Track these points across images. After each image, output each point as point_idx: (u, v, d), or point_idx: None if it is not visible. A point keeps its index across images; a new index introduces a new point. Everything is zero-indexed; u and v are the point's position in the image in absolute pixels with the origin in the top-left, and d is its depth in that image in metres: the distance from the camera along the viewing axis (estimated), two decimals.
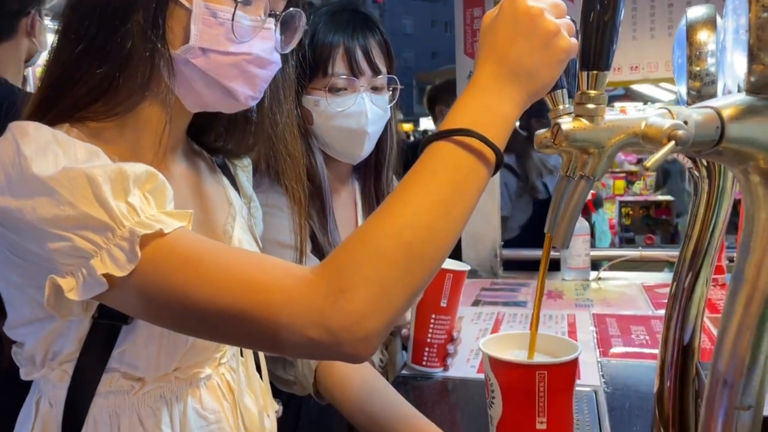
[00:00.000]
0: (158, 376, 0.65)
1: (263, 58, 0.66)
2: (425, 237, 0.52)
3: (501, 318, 1.42)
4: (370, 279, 0.50)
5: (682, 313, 0.75)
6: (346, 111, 1.06)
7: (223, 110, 0.70)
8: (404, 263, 0.51)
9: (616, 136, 0.47)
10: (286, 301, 0.51)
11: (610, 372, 1.07)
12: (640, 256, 1.84)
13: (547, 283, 1.74)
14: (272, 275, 0.53)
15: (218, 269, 0.53)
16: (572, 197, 0.49)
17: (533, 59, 0.54)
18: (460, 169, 0.53)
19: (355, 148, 1.10)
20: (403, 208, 0.53)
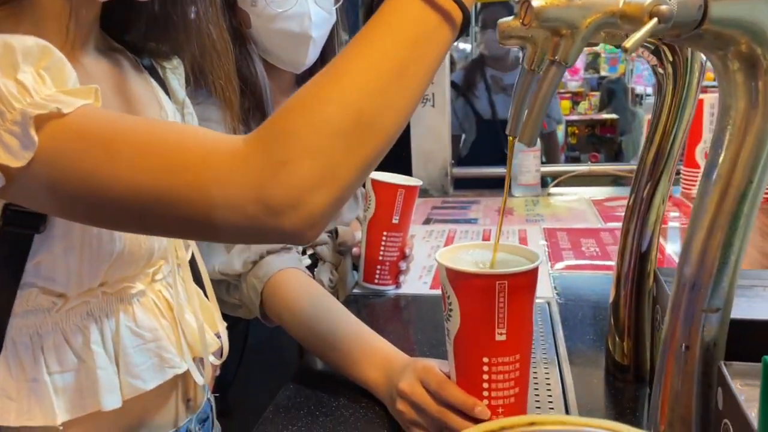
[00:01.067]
0: (82, 291, 0.59)
1: None
2: (378, 102, 0.45)
3: (453, 235, 1.40)
4: (314, 149, 0.44)
5: (640, 222, 0.73)
6: (287, 12, 0.97)
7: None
8: (354, 132, 0.45)
9: (591, 14, 0.42)
10: (217, 178, 0.45)
11: (562, 284, 1.07)
12: (589, 171, 1.85)
13: (497, 200, 1.73)
14: (199, 151, 0.46)
15: (134, 148, 0.46)
16: (542, 85, 0.44)
17: None
18: (421, 27, 0.46)
19: (298, 55, 1.01)
20: (352, 70, 0.46)
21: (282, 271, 0.88)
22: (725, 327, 0.49)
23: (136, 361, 0.64)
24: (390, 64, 0.46)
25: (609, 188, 1.91)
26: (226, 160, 0.45)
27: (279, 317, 0.86)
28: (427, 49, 0.47)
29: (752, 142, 0.45)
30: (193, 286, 0.75)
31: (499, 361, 0.60)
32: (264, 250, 0.90)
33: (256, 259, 0.89)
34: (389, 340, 0.78)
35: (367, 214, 1.04)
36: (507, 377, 0.61)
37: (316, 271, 1.09)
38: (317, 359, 0.84)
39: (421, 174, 1.89)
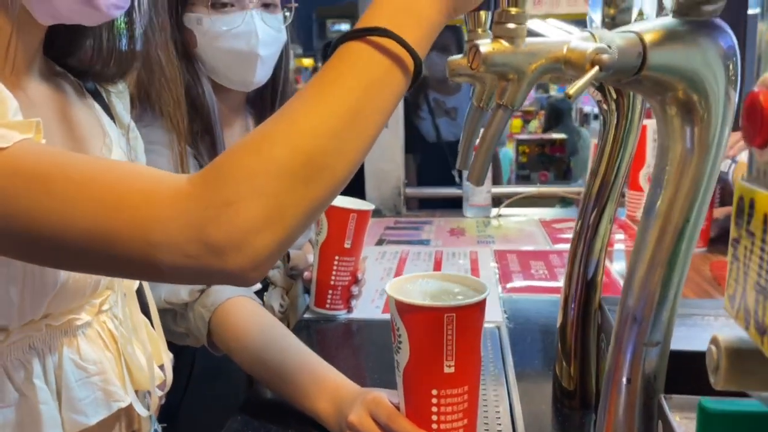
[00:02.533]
0: (25, 323, 0.57)
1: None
2: (329, 146, 0.45)
3: (405, 257, 1.41)
4: (261, 190, 0.43)
5: (587, 248, 0.75)
6: (234, 30, 0.96)
7: (83, 22, 0.60)
8: (303, 174, 0.44)
9: (537, 60, 0.43)
10: (158, 217, 0.44)
11: (512, 307, 1.09)
12: (538, 193, 1.89)
13: (450, 221, 1.75)
14: (140, 188, 0.45)
15: (74, 185, 0.45)
16: (489, 128, 0.44)
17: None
18: (374, 73, 0.47)
19: (246, 73, 1.00)
20: (305, 113, 0.46)
21: (230, 300, 0.86)
22: (665, 360, 0.51)
23: (79, 396, 0.62)
24: (342, 108, 0.46)
25: (557, 209, 1.96)
26: (168, 198, 0.45)
27: (227, 347, 0.84)
28: (380, 95, 0.47)
29: (689, 184, 0.47)
30: (140, 316, 0.73)
31: (448, 393, 0.60)
32: None
33: (203, 287, 0.87)
34: (341, 366, 0.77)
35: (319, 238, 1.04)
36: (456, 409, 0.61)
37: (266, 296, 1.08)
38: (266, 389, 0.83)
39: (374, 194, 1.90)
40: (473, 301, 0.59)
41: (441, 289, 0.64)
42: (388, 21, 0.47)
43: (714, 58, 0.45)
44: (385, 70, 0.47)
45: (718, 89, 0.45)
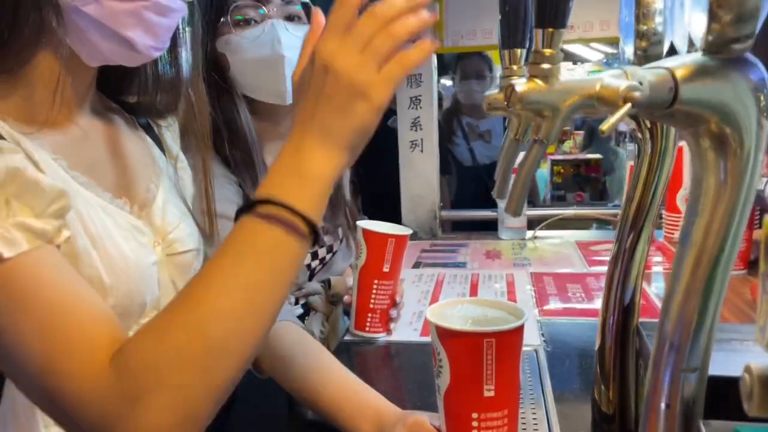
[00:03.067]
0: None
1: (163, 5, 0.61)
2: (229, 329, 0.47)
3: (442, 279, 1.42)
4: (166, 383, 0.45)
5: (623, 273, 0.76)
6: (258, 40, 1.00)
7: (125, 63, 0.64)
8: (204, 361, 0.46)
9: (570, 97, 0.45)
10: (76, 398, 0.47)
11: (550, 331, 1.09)
12: (574, 215, 1.88)
13: (485, 243, 1.76)
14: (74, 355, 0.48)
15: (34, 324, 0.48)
16: (526, 162, 0.47)
17: (337, 122, 0.50)
18: (267, 245, 0.49)
19: (277, 81, 1.01)
20: (203, 297, 0.48)
21: (276, 325, 0.89)
22: (703, 385, 0.52)
23: None
24: (239, 290, 0.48)
25: (593, 231, 1.95)
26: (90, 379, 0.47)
27: (272, 370, 0.87)
28: (277, 265, 0.49)
29: (723, 213, 0.48)
30: None
31: (488, 416, 0.61)
32: None
33: None
34: (381, 389, 0.79)
35: (358, 263, 1.07)
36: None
37: (307, 321, 1.11)
38: (307, 410, 0.85)
39: (410, 217, 1.93)
40: (512, 327, 0.60)
41: (480, 315, 0.66)
42: (278, 188, 0.50)
43: (745, 91, 0.46)
44: (277, 240, 0.49)
45: (750, 121, 0.47)
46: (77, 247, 0.57)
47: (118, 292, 0.62)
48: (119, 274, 0.61)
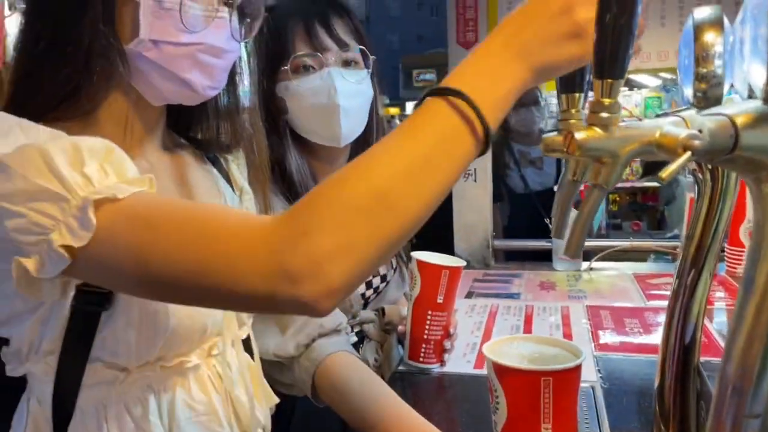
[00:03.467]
0: (141, 365, 0.65)
1: (217, 47, 0.66)
2: (400, 187, 0.49)
3: (495, 310, 1.42)
4: (335, 222, 0.47)
5: (684, 311, 0.75)
6: (315, 87, 1.04)
7: (184, 102, 0.70)
8: (375, 210, 0.48)
9: (629, 144, 0.46)
10: (244, 247, 0.49)
11: (607, 367, 1.08)
12: (631, 247, 1.85)
13: (539, 274, 1.75)
14: (231, 225, 0.51)
15: (174, 225, 0.52)
16: (585, 206, 0.48)
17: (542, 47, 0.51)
18: (446, 128, 0.51)
19: (333, 127, 1.05)
20: (380, 156, 0.50)
21: (333, 355, 0.92)
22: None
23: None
24: (415, 154, 0.50)
25: (651, 264, 1.91)
26: (254, 232, 0.50)
27: (329, 399, 0.89)
28: (450, 149, 0.51)
29: None
30: (245, 362, 0.79)
31: None
32: (316, 333, 0.94)
33: (308, 342, 0.93)
34: (435, 420, 0.80)
35: (412, 293, 1.08)
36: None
37: (362, 349, 1.12)
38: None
39: (462, 246, 1.93)
40: (570, 366, 0.61)
41: (537, 352, 0.66)
42: (468, 82, 0.51)
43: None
44: (457, 129, 0.51)
45: None
46: None
47: (180, 312, 0.65)
48: None
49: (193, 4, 0.63)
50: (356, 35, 1.08)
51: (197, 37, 0.64)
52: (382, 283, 1.20)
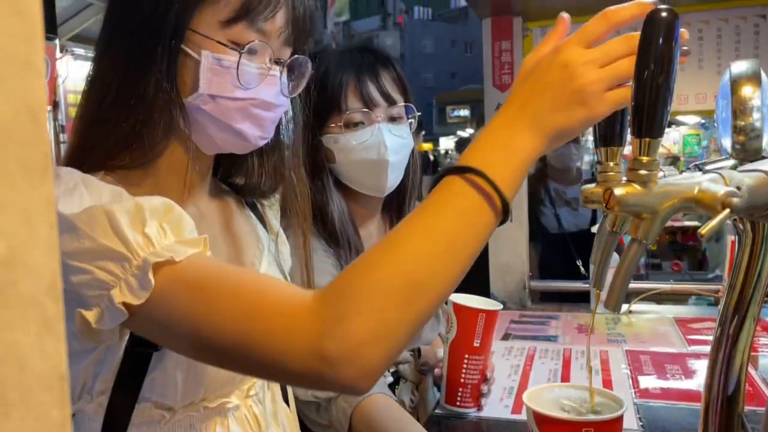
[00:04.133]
0: (187, 404, 0.67)
1: (268, 102, 0.70)
2: (427, 268, 0.52)
3: (533, 354, 1.41)
4: (368, 307, 0.50)
5: (726, 360, 0.74)
6: (366, 143, 1.08)
7: (236, 151, 0.74)
8: (404, 293, 0.51)
9: (668, 201, 0.47)
10: (284, 328, 0.52)
11: (648, 415, 1.06)
12: (671, 290, 1.82)
13: (577, 316, 1.73)
14: (274, 302, 0.54)
15: (224, 296, 0.55)
16: (625, 260, 0.49)
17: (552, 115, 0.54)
18: (466, 206, 0.53)
19: (379, 180, 1.10)
20: (407, 239, 0.53)
21: (370, 396, 0.93)
22: None
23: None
24: (439, 235, 0.53)
25: (692, 306, 1.87)
26: (295, 311, 0.53)
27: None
28: (472, 225, 0.53)
29: None
30: (281, 402, 0.81)
31: None
32: None
33: None
34: None
35: (449, 336, 1.09)
36: None
37: (398, 390, 1.13)
38: None
39: (498, 286, 1.93)
40: (611, 417, 0.61)
41: (577, 399, 0.66)
42: (484, 157, 0.54)
43: None
44: (477, 204, 0.53)
45: None
46: None
47: None
48: None
49: (249, 63, 0.67)
50: (401, 88, 1.12)
51: (251, 93, 0.68)
52: None
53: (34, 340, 0.20)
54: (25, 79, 0.20)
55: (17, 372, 0.20)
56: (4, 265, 0.19)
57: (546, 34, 0.59)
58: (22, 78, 0.20)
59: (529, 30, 1.87)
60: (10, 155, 0.20)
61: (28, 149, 0.20)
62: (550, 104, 0.54)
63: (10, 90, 0.20)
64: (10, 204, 0.20)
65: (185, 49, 0.66)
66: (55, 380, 0.20)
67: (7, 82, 0.19)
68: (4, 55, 0.20)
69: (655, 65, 0.48)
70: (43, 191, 0.20)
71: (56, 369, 0.21)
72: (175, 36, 0.65)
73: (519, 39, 1.86)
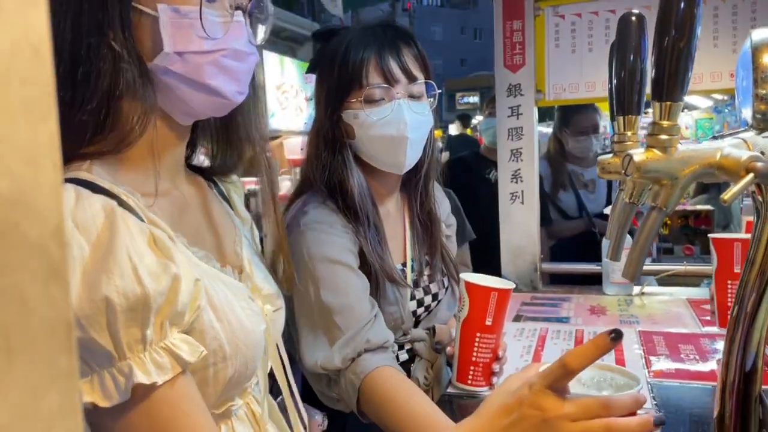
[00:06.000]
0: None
1: (239, 51, 0.65)
2: None
3: (544, 334, 1.40)
4: None
5: (744, 337, 0.73)
6: (385, 119, 1.07)
7: (215, 113, 0.68)
8: None
9: (689, 167, 0.46)
10: None
11: (662, 394, 1.05)
12: (684, 271, 1.80)
13: (589, 297, 1.72)
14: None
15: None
16: (644, 229, 0.48)
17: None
18: None
19: (398, 156, 1.09)
20: None
21: (378, 369, 0.92)
22: None
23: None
24: None
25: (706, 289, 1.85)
26: None
27: (376, 415, 0.90)
28: None
29: None
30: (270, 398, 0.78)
31: None
32: (362, 347, 0.95)
33: (354, 356, 0.94)
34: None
35: (460, 315, 1.08)
36: None
37: (413, 368, 1.13)
38: None
39: (509, 269, 1.92)
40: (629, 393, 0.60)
41: (593, 377, 0.65)
42: None
43: None
44: None
45: None
46: (204, 322, 0.61)
47: (237, 361, 0.65)
48: (239, 345, 0.64)
49: (210, 11, 0.62)
50: (422, 65, 1.12)
51: (220, 43, 0.63)
52: (434, 302, 1.21)
53: (39, 284, 0.19)
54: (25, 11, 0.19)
55: (22, 316, 0.19)
56: (7, 205, 0.18)
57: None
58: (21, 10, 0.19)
59: (540, 9, 1.84)
60: (12, 91, 0.19)
61: (30, 86, 0.19)
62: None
63: (10, 22, 0.19)
64: (12, 142, 0.19)
65: (137, 6, 0.60)
66: (62, 326, 0.20)
67: (7, 13, 0.19)
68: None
69: (677, 30, 0.46)
70: (47, 130, 0.20)
71: (62, 315, 0.20)
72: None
73: (531, 18, 1.84)
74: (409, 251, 1.17)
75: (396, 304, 1.10)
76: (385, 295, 1.08)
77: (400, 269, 1.15)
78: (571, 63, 1.84)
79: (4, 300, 0.19)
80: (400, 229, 1.19)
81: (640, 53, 0.58)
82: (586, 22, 1.80)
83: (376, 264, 1.06)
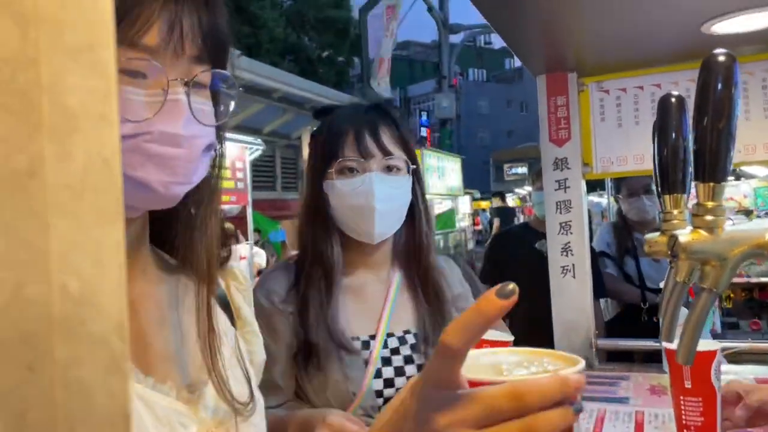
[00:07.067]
0: None
1: (170, 134, 0.54)
2: None
3: (602, 416, 1.34)
4: None
5: None
6: (356, 190, 1.14)
7: (151, 206, 0.59)
8: None
9: (738, 247, 0.45)
10: None
11: None
12: (750, 349, 1.71)
13: (649, 376, 1.65)
14: None
15: None
16: (695, 311, 0.47)
17: None
18: None
19: (367, 225, 1.15)
20: None
21: None
22: None
23: None
24: None
25: None
26: None
27: None
28: None
29: None
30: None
31: None
32: None
33: None
34: None
35: None
36: None
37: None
38: None
39: (564, 344, 1.86)
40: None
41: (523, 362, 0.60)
42: None
43: None
44: None
45: None
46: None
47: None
48: None
49: (133, 90, 0.52)
50: (402, 144, 1.19)
51: (143, 126, 0.52)
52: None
53: (101, 377, 0.21)
54: (100, 131, 0.21)
55: (86, 408, 0.20)
56: (76, 304, 0.20)
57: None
58: (97, 129, 0.21)
59: (585, 85, 1.87)
60: (85, 200, 0.21)
61: (101, 194, 0.21)
62: None
63: (86, 140, 0.21)
64: (83, 246, 0.21)
65: None
66: (120, 419, 0.21)
67: (85, 132, 0.21)
68: (83, 110, 0.21)
69: (714, 111, 0.47)
70: (114, 234, 0.22)
71: (121, 407, 0.21)
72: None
73: (575, 94, 1.86)
74: (384, 326, 1.17)
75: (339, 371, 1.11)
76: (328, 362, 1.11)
77: (364, 340, 1.15)
78: (618, 136, 1.84)
79: (71, 391, 0.20)
80: (379, 301, 1.20)
81: (682, 132, 0.58)
82: (631, 97, 1.82)
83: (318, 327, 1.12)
